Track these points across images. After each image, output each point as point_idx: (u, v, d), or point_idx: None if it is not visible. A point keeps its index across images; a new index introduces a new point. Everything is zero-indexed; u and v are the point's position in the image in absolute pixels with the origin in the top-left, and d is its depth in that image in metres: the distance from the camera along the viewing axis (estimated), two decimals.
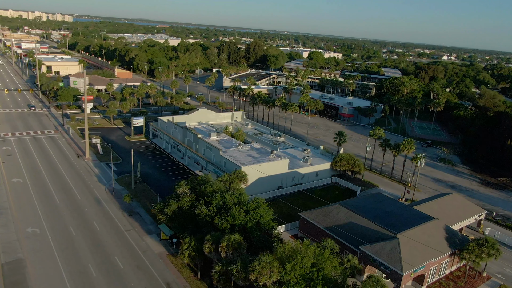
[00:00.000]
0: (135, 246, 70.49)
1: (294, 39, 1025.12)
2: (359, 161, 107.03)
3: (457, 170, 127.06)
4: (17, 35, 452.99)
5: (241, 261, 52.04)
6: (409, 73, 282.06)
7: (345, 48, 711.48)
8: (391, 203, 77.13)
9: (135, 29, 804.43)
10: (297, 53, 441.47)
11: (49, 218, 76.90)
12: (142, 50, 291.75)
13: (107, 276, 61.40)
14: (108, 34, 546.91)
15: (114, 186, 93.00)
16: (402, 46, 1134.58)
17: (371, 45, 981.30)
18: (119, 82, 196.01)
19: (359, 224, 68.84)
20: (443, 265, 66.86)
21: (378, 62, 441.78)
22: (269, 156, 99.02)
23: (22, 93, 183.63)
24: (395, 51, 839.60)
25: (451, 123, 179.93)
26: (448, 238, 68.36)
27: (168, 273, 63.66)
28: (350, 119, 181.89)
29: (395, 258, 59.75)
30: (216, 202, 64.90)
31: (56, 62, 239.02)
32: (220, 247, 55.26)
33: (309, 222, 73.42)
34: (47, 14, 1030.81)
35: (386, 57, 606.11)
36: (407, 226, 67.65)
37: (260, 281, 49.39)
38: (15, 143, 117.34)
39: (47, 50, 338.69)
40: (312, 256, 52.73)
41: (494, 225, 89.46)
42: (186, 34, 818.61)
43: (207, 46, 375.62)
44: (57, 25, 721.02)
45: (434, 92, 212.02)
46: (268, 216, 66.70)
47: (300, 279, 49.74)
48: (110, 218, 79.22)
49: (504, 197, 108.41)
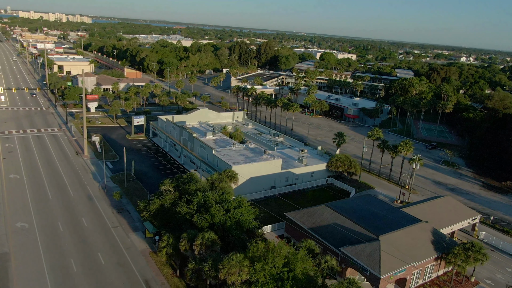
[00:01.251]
0: (120, 243, 71.07)
1: (309, 40, 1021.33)
2: (355, 162, 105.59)
3: (459, 173, 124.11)
4: (35, 35, 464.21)
5: (212, 260, 51.89)
6: (421, 74, 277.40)
7: (360, 49, 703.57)
8: (379, 205, 75.80)
9: (151, 30, 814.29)
10: (309, 54, 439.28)
11: (40, 213, 78.25)
12: (154, 51, 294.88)
13: (87, 272, 62.04)
14: (124, 35, 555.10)
15: (107, 183, 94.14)
16: (420, 48, 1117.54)
17: (388, 46, 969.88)
18: (127, 82, 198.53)
19: (343, 225, 67.85)
20: (428, 269, 65.28)
21: (392, 63, 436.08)
22: (262, 156, 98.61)
23: (30, 92, 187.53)
24: (412, 52, 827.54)
25: (460, 125, 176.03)
26: (435, 241, 66.75)
27: (148, 270, 63.96)
28: (355, 120, 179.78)
29: (374, 261, 58.62)
30: (197, 200, 64.93)
31: (68, 62, 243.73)
32: (194, 245, 55.26)
33: (294, 223, 72.77)
34: (67, 16, 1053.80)
35: (401, 58, 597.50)
36: (392, 228, 66.40)
37: (229, 280, 49.15)
38: (18, 140, 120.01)
39: (62, 50, 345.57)
40: (284, 256, 52.18)
41: (491, 230, 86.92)
42: (201, 35, 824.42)
43: (219, 46, 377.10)
44: (75, 26, 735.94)
45: (444, 93, 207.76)
46: (250, 215, 66.40)
47: (269, 278, 49.29)
48: (99, 214, 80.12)
49: (506, 201, 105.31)
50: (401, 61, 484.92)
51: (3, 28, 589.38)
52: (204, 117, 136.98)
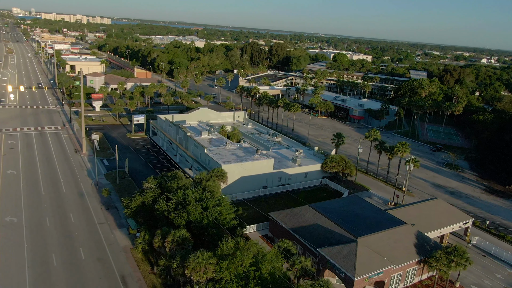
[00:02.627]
0: (103, 239, 71.84)
1: (326, 42, 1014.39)
2: (350, 163, 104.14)
3: (462, 176, 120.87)
4: (53, 36, 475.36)
5: (180, 257, 51.86)
6: (434, 76, 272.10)
7: (376, 50, 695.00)
8: (365, 207, 74.40)
9: (168, 31, 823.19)
10: (323, 55, 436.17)
11: (30, 208, 79.83)
12: (165, 51, 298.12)
13: (66, 266, 62.90)
14: (141, 36, 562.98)
15: (100, 180, 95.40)
16: (441, 49, 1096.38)
17: (407, 48, 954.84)
18: (134, 81, 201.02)
19: (323, 226, 66.88)
20: (410, 272, 63.69)
21: (407, 65, 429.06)
22: (254, 156, 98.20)
23: (40, 90, 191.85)
24: (431, 53, 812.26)
25: (468, 127, 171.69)
26: (418, 244, 65.10)
27: (126, 266, 64.39)
28: (360, 121, 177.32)
29: (349, 262, 57.51)
30: (176, 198, 65.06)
31: (79, 62, 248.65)
32: (166, 242, 55.38)
33: (277, 223, 72.13)
34: (88, 17, 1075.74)
35: (419, 60, 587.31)
36: (374, 230, 65.09)
37: (194, 277, 49.02)
38: (21, 137, 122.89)
39: (77, 50, 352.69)
40: (252, 255, 51.75)
41: (486, 234, 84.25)
42: (218, 36, 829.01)
43: (231, 47, 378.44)
44: (94, 28, 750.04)
45: (454, 95, 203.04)
46: (229, 214, 66.22)
47: (234, 277, 48.94)
48: (87, 211, 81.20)
49: (507, 206, 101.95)
50: (417, 63, 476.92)
51: (25, 29, 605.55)
52: (205, 117, 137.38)
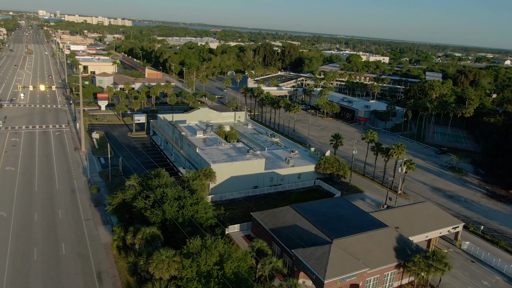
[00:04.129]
0: (87, 235, 72.91)
1: (345, 43, 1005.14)
2: (344, 164, 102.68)
3: (464, 180, 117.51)
4: (73, 38, 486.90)
5: (146, 254, 52.12)
6: (449, 77, 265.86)
7: (395, 51, 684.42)
8: (348, 208, 73.16)
9: (186, 32, 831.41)
10: (337, 56, 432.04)
11: (20, 204, 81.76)
12: (178, 52, 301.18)
13: (45, 261, 64.10)
14: (158, 38, 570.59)
15: (94, 178, 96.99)
16: (463, 50, 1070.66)
17: (428, 49, 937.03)
18: (143, 81, 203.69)
19: (302, 227, 66.08)
20: (388, 276, 62.24)
21: (424, 66, 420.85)
22: (245, 156, 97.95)
23: (50, 90, 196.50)
24: (452, 55, 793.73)
25: (478, 130, 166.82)
26: (398, 248, 63.57)
27: (104, 263, 65.11)
28: (366, 123, 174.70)
29: (321, 264, 56.60)
30: (154, 195, 65.49)
31: (92, 63, 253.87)
32: (136, 239, 55.76)
33: (258, 223, 71.67)
34: (109, 19, 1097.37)
35: (438, 61, 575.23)
36: (353, 232, 63.95)
37: (156, 274, 49.20)
38: (24, 135, 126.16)
39: (94, 51, 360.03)
40: (217, 254, 51.57)
41: (479, 240, 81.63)
42: (235, 37, 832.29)
43: (245, 48, 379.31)
44: (114, 29, 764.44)
45: (466, 97, 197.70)
46: (207, 213, 66.26)
47: (196, 275, 48.86)
48: (76, 207, 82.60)
49: (507, 211, 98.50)
50: (435, 64, 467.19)
51: (46, 31, 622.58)
52: (205, 117, 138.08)
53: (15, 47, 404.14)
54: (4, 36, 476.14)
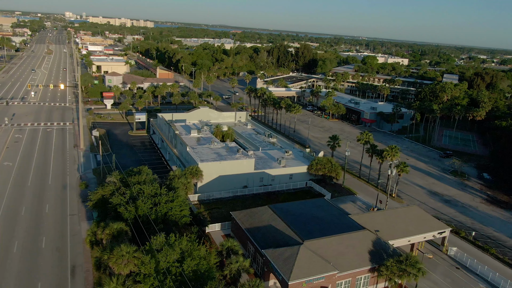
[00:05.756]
0: (69, 229, 74.12)
1: (365, 45, 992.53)
2: (337, 166, 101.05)
3: (465, 184, 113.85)
4: (93, 38, 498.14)
5: (110, 249, 52.51)
6: (465, 80, 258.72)
7: (415, 53, 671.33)
8: (327, 210, 71.90)
9: (206, 34, 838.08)
10: (354, 58, 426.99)
11: (11, 198, 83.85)
12: (191, 53, 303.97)
13: (24, 254, 65.46)
14: (176, 39, 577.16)
15: (87, 174, 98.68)
16: (489, 53, 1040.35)
17: (452, 51, 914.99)
18: (152, 81, 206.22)
19: (276, 227, 65.32)
20: (360, 280, 60.76)
21: (443, 68, 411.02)
22: (235, 155, 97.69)
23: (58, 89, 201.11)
24: (476, 57, 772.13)
25: (488, 133, 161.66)
26: (373, 251, 62.04)
27: (80, 257, 65.98)
28: (372, 125, 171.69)
29: (288, 265, 55.74)
30: (130, 192, 66.01)
31: (105, 63, 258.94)
32: (103, 234, 56.28)
33: (237, 222, 71.30)
34: (132, 21, 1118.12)
35: (460, 63, 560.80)
36: (327, 234, 62.85)
37: (116, 269, 49.49)
38: (28, 132, 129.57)
39: (111, 52, 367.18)
40: (179, 251, 51.50)
41: (469, 246, 78.84)
42: (255, 39, 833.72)
43: (259, 49, 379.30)
44: (136, 31, 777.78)
45: (480, 100, 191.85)
46: (182, 211, 66.34)
47: (154, 272, 48.91)
48: (64, 202, 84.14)
49: (505, 217, 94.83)
50: (455, 66, 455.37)
51: (69, 32, 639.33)
52: (205, 116, 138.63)
53: (37, 47, 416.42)
54: (27, 37, 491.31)
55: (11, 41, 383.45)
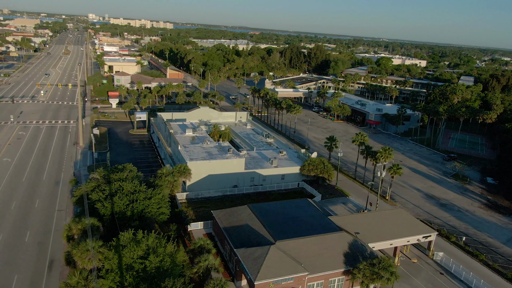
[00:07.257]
0: (54, 225, 75.46)
1: (384, 46, 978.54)
2: (329, 167, 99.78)
3: (465, 188, 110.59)
4: (111, 39, 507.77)
5: (77, 245, 53.11)
6: (480, 82, 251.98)
7: (435, 55, 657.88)
8: (307, 211, 70.92)
9: (223, 35, 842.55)
10: (369, 59, 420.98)
11: (3, 193, 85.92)
12: (202, 54, 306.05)
13: (5, 247, 66.93)
14: (193, 40, 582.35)
15: (82, 171, 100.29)
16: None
17: (474, 53, 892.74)
18: (159, 81, 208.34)
19: (252, 227, 64.84)
20: (334, 282, 59.63)
21: (462, 70, 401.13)
22: (225, 155, 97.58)
23: (69, 88, 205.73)
24: (500, 59, 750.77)
25: (498, 137, 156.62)
26: (349, 253, 60.83)
27: (59, 252, 66.99)
28: (377, 127, 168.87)
29: (257, 265, 55.21)
30: (108, 188, 66.71)
31: (117, 63, 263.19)
32: (75, 229, 56.98)
33: (216, 221, 71.16)
34: (152, 22, 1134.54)
35: (480, 65, 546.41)
36: (303, 235, 62.01)
37: (80, 264, 50.02)
38: (32, 129, 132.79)
39: (127, 52, 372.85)
40: (145, 248, 51.65)
41: (459, 251, 76.45)
42: (272, 40, 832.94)
43: (273, 51, 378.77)
44: (154, 32, 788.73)
45: (492, 102, 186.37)
46: (160, 208, 66.61)
47: (116, 268, 49.20)
48: (54, 198, 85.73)
49: (503, 223, 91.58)
50: (475, 68, 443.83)
51: (89, 33, 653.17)
52: (206, 116, 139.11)
53: (56, 47, 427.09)
54: (47, 38, 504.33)
55: (31, 42, 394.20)
